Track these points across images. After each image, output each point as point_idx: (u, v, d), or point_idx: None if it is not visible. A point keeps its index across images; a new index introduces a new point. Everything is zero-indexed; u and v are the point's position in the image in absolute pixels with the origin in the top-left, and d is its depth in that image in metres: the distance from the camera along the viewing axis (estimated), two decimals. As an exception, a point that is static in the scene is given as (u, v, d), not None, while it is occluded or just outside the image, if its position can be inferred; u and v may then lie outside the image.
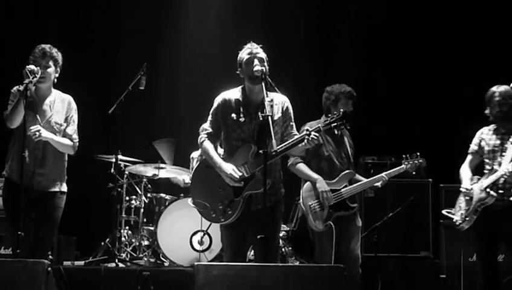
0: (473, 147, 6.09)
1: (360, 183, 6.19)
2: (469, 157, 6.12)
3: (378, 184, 6.27)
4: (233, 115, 5.29)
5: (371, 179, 6.27)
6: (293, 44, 9.56)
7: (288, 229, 7.71)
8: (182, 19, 9.78)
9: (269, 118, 4.94)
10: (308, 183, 6.13)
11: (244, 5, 9.69)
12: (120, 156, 7.91)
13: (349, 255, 6.10)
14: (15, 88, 5.55)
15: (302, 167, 6.12)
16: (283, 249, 7.56)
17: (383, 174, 6.27)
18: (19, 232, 5.11)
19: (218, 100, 5.38)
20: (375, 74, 9.49)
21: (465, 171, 6.06)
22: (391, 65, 9.45)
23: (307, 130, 5.11)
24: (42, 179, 5.56)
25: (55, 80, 5.69)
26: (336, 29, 9.80)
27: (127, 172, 8.17)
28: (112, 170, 7.90)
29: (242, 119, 5.27)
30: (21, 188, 5.24)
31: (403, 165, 6.32)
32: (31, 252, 5.28)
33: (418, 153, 6.33)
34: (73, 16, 9.41)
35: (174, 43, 9.67)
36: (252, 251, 6.67)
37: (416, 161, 6.31)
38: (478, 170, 6.03)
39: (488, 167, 5.89)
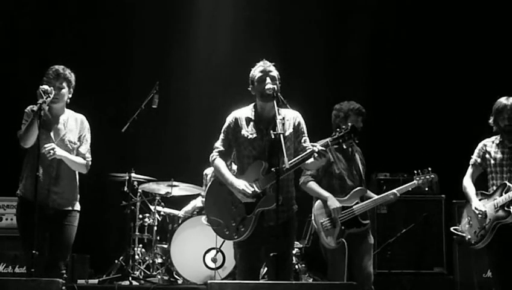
0: (476, 159, 6.05)
1: (371, 199, 6.18)
2: (471, 169, 6.09)
3: (390, 200, 6.24)
4: (244, 133, 5.31)
5: (382, 195, 6.24)
6: (304, 61, 9.58)
7: (301, 246, 7.70)
8: (193, 36, 9.82)
9: (281, 136, 4.97)
10: (319, 201, 6.13)
11: (256, 22, 9.73)
12: (133, 174, 7.95)
13: (361, 272, 6.07)
14: (29, 108, 5.59)
15: (313, 185, 6.13)
16: (296, 266, 7.56)
17: (395, 190, 6.24)
18: (33, 251, 5.11)
19: (229, 119, 5.42)
20: (386, 90, 9.48)
21: (469, 185, 6.03)
22: (403, 81, 9.45)
23: (314, 145, 5.13)
24: (57, 197, 5.59)
25: (69, 100, 5.74)
26: (348, 46, 9.82)
27: (140, 190, 8.19)
28: (125, 188, 7.95)
29: (253, 137, 5.29)
30: (35, 207, 5.26)
31: (414, 181, 6.28)
32: (45, 271, 5.28)
33: (430, 169, 6.29)
34: (86, 36, 9.48)
35: (186, 60, 9.70)
36: (265, 268, 6.68)
37: (427, 176, 6.28)
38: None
39: (493, 182, 5.87)
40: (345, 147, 6.01)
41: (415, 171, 6.32)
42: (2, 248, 7.31)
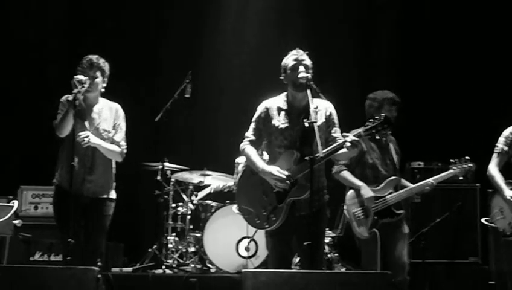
0: (503, 147, 5.97)
1: (406, 189, 6.14)
2: (498, 157, 6.02)
3: (426, 190, 6.20)
4: (276, 122, 5.31)
5: (417, 184, 6.20)
6: (334, 50, 9.52)
7: (334, 235, 7.69)
8: (224, 24, 9.82)
9: (314, 124, 4.95)
10: (351, 190, 6.11)
11: (287, 11, 9.70)
12: (166, 164, 8.00)
13: (396, 262, 6.04)
14: (64, 98, 5.64)
15: (346, 174, 6.11)
16: (329, 256, 7.54)
17: (431, 179, 6.19)
18: (69, 240, 5.18)
19: (260, 108, 5.42)
20: (420, 77, 9.38)
21: (498, 175, 5.97)
22: (436, 67, 9.35)
23: (346, 135, 5.11)
24: (91, 185, 5.64)
25: (103, 90, 5.78)
26: (379, 34, 9.75)
27: (173, 179, 8.23)
28: (159, 177, 7.99)
29: (284, 126, 5.28)
30: (71, 196, 5.33)
31: (451, 170, 6.22)
32: (81, 259, 5.33)
33: (468, 157, 6.23)
34: (120, 27, 9.53)
35: (218, 49, 9.71)
36: (298, 257, 6.68)
37: (465, 165, 6.20)
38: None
39: None
40: (378, 137, 5.96)
41: (452, 160, 6.25)
42: (38, 236, 7.36)
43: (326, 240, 7.27)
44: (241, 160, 8.03)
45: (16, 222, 6.20)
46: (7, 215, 5.83)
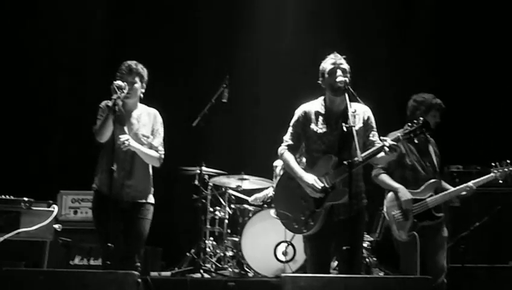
0: None
1: (446, 192, 6.09)
2: None
3: (465, 193, 6.14)
4: (314, 127, 5.30)
5: (457, 188, 6.15)
6: (370, 55, 9.47)
7: (372, 239, 7.65)
8: (259, 29, 9.84)
9: (353, 128, 4.94)
10: (391, 193, 6.08)
11: (321, 15, 9.68)
12: (204, 168, 8.03)
13: (435, 265, 6.00)
14: (103, 103, 5.70)
15: (385, 177, 6.08)
16: (367, 260, 7.50)
17: (471, 182, 6.13)
18: (109, 244, 5.22)
19: (298, 112, 5.41)
20: (458, 79, 9.29)
21: None
22: (475, 69, 9.25)
23: (384, 139, 5.09)
24: (130, 190, 5.68)
25: (142, 95, 5.83)
26: (415, 36, 9.68)
27: (211, 183, 8.27)
28: (196, 182, 8.03)
29: (322, 131, 5.28)
30: (110, 201, 5.37)
31: (492, 174, 6.16)
32: (120, 263, 5.37)
33: (509, 161, 6.16)
34: (157, 33, 9.61)
35: (255, 54, 9.74)
36: (335, 262, 6.66)
37: (506, 169, 6.14)
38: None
39: None
40: (416, 141, 5.93)
41: (493, 164, 6.19)
42: (78, 240, 7.45)
43: (364, 244, 7.23)
44: (279, 163, 8.05)
45: (56, 226, 6.27)
46: (47, 220, 5.89)
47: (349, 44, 8.81)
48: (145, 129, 5.79)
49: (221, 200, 8.33)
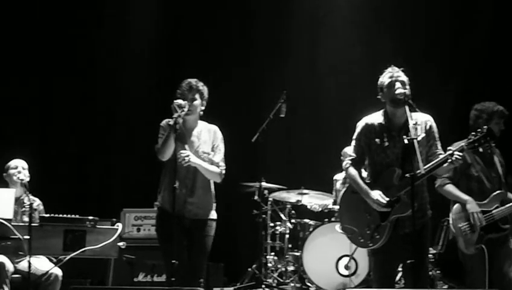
0: None
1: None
2: None
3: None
4: (377, 140, 5.27)
5: (525, 199, 6.02)
6: (426, 65, 9.37)
7: (435, 252, 7.55)
8: (317, 42, 9.87)
9: (414, 141, 4.90)
10: (457, 204, 5.97)
11: (374, 26, 9.66)
12: (263, 183, 8.06)
13: (502, 278, 5.87)
14: (164, 122, 5.76)
15: (451, 188, 5.97)
16: (431, 273, 7.41)
17: (537, 193, 6.01)
18: (173, 261, 5.27)
19: (360, 125, 5.39)
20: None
21: None
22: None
23: (450, 149, 5.03)
24: (193, 207, 5.71)
25: (202, 112, 5.88)
26: (471, 45, 9.54)
27: (270, 199, 8.29)
28: (256, 197, 8.06)
29: (386, 144, 5.25)
30: (173, 218, 5.43)
31: (559, 184, 6.04)
32: (184, 280, 5.39)
33: None
34: (215, 50, 9.72)
35: (311, 71, 9.76)
36: (399, 274, 6.59)
37: None
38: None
39: None
40: (481, 150, 5.82)
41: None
42: (141, 257, 7.53)
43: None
44: (339, 177, 8.04)
45: (120, 244, 6.36)
46: (112, 237, 5.97)
47: (407, 54, 8.81)
48: (206, 146, 5.83)
49: (281, 215, 8.34)
